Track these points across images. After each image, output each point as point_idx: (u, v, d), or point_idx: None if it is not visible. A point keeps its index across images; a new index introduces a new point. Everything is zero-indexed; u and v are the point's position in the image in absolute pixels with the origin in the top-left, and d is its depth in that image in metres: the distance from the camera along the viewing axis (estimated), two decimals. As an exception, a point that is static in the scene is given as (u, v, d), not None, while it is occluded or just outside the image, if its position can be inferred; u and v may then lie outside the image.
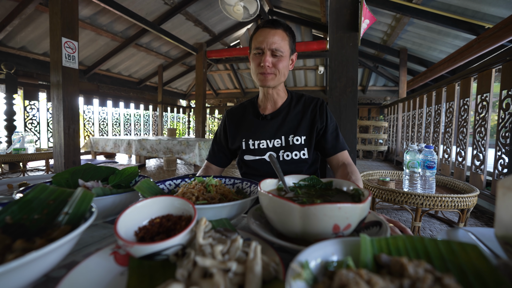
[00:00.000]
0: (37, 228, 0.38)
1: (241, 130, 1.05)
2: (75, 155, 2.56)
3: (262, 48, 0.91)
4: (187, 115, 8.35)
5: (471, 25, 3.53)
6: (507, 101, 2.08)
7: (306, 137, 0.98)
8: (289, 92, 1.09)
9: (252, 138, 1.01)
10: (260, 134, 1.01)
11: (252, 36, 0.98)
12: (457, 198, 1.37)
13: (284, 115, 1.01)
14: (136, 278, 0.32)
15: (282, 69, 0.94)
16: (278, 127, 1.00)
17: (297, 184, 0.58)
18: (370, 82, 7.75)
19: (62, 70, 2.38)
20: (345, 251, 0.30)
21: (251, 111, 1.08)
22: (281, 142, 0.98)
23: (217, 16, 5.50)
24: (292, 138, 0.98)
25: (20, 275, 0.27)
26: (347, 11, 1.86)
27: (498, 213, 0.31)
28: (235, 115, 1.10)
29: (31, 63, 4.59)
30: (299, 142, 0.98)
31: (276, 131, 0.99)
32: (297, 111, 1.02)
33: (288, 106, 1.03)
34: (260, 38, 0.92)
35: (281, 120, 1.01)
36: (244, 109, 1.10)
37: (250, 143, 1.01)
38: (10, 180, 0.84)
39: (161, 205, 0.42)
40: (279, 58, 0.93)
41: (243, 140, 1.02)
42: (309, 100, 1.05)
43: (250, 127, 1.03)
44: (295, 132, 0.98)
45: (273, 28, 0.92)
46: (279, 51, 0.91)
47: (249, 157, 1.00)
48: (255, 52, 0.94)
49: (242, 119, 1.08)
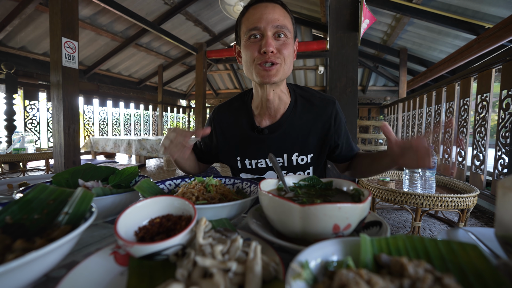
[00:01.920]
0: (37, 228, 0.38)
1: (233, 143, 0.86)
2: (75, 155, 2.56)
3: (260, 27, 0.68)
4: (187, 115, 8.35)
5: (471, 25, 3.53)
6: (507, 101, 2.08)
7: (313, 155, 0.81)
8: (292, 91, 0.84)
9: (248, 157, 0.83)
10: (257, 153, 0.82)
11: (240, 19, 0.75)
12: (457, 198, 1.37)
13: (286, 128, 0.80)
14: (136, 278, 0.32)
15: (288, 56, 0.72)
16: (279, 144, 0.80)
17: (297, 184, 0.58)
18: (370, 82, 7.75)
19: (62, 70, 2.38)
20: (345, 251, 0.30)
21: (245, 120, 0.84)
22: (282, 162, 0.80)
23: (217, 16, 5.50)
24: (296, 158, 0.80)
25: (20, 275, 0.27)
26: (347, 11, 1.86)
27: (498, 213, 0.31)
28: (224, 118, 0.88)
29: (31, 63, 4.59)
30: (304, 162, 0.80)
31: (276, 149, 0.80)
32: (304, 121, 0.80)
33: (291, 115, 0.80)
34: (256, 16, 0.69)
35: (282, 134, 0.80)
36: (235, 112, 0.87)
37: (246, 162, 0.84)
38: (10, 180, 0.84)
39: (161, 205, 0.42)
40: (284, 42, 0.71)
41: (238, 159, 0.84)
42: (320, 106, 0.81)
43: (244, 143, 0.84)
44: (300, 151, 0.80)
45: (271, 2, 0.71)
46: (284, 31, 0.70)
47: (247, 175, 0.86)
48: (250, 35, 0.70)
49: (233, 129, 0.86)
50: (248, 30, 0.70)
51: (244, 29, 0.72)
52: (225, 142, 0.87)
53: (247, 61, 0.73)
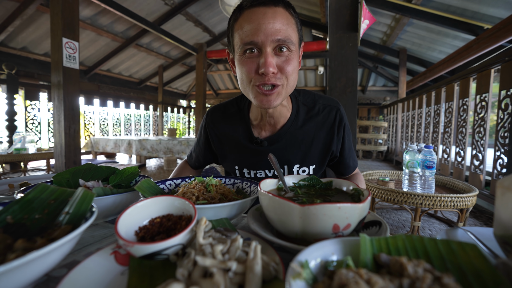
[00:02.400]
0: (38, 228, 0.38)
1: (230, 152, 0.81)
2: (76, 155, 2.56)
3: (258, 42, 0.55)
4: (187, 115, 8.35)
5: (470, 26, 3.54)
6: (506, 101, 2.08)
7: (316, 166, 0.77)
8: (294, 98, 0.76)
9: (247, 167, 0.79)
10: (256, 163, 0.77)
11: (233, 24, 0.61)
12: (456, 198, 1.37)
13: (287, 139, 0.74)
14: (137, 278, 0.33)
15: (292, 73, 0.59)
16: (279, 155, 0.74)
17: (297, 184, 0.58)
18: (369, 82, 7.76)
19: (63, 70, 2.38)
20: (345, 251, 0.30)
21: (242, 129, 0.77)
22: (283, 172, 0.77)
23: (217, 17, 5.51)
24: (298, 169, 0.76)
25: (21, 274, 0.27)
26: (347, 12, 1.86)
27: (497, 212, 0.32)
28: (217, 122, 0.81)
29: (32, 63, 4.59)
30: (306, 172, 0.77)
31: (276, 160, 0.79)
32: (305, 131, 0.74)
33: (292, 125, 0.74)
34: (252, 26, 0.56)
35: (283, 146, 0.74)
36: (231, 120, 0.79)
37: (245, 172, 0.80)
38: (11, 180, 0.84)
39: (161, 205, 0.42)
40: (288, 57, 0.58)
41: (236, 168, 0.80)
42: (324, 113, 0.74)
43: (242, 153, 0.78)
44: (301, 162, 0.75)
45: (271, 5, 0.56)
46: (287, 44, 0.57)
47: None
48: (246, 50, 0.58)
49: (229, 136, 0.79)
50: (243, 44, 0.57)
51: (237, 40, 0.59)
52: (222, 148, 0.82)
53: (243, 80, 0.62)
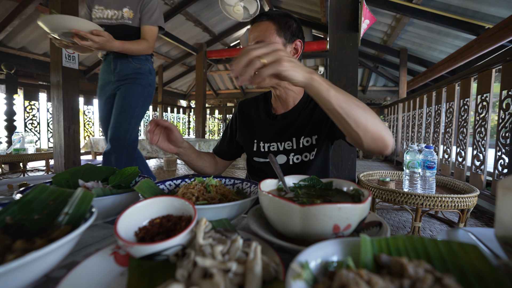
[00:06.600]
0: (37, 229, 0.38)
1: (251, 128, 1.02)
2: (75, 156, 2.56)
3: None
4: (187, 115, 8.35)
5: (471, 25, 3.54)
6: (507, 101, 2.08)
7: (318, 136, 0.91)
8: None
9: (263, 140, 0.97)
10: (271, 136, 0.96)
11: None
12: (457, 198, 1.37)
13: (295, 115, 0.95)
14: (136, 279, 0.32)
15: None
16: (289, 128, 0.94)
17: (297, 185, 0.58)
18: (370, 82, 7.76)
19: (62, 70, 2.38)
20: (345, 252, 0.30)
21: (264, 108, 1.03)
22: (292, 145, 0.93)
23: (217, 16, 5.51)
24: (303, 140, 0.92)
25: (20, 275, 0.27)
26: (347, 12, 1.86)
27: (498, 213, 0.31)
28: (246, 109, 1.07)
29: (31, 63, 4.59)
30: (309, 143, 0.92)
31: (287, 133, 0.94)
32: (309, 109, 0.94)
33: (301, 106, 0.95)
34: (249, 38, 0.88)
35: (292, 121, 0.94)
36: (257, 104, 1.06)
37: (261, 145, 0.97)
38: (10, 180, 0.84)
39: (161, 205, 0.42)
40: None
41: (255, 141, 0.99)
42: None
43: (261, 128, 1.00)
44: (307, 133, 0.92)
45: (255, 22, 0.88)
46: None
47: (259, 159, 0.98)
48: None
49: (253, 115, 1.04)
50: None
51: None
52: (244, 125, 1.04)
53: None
